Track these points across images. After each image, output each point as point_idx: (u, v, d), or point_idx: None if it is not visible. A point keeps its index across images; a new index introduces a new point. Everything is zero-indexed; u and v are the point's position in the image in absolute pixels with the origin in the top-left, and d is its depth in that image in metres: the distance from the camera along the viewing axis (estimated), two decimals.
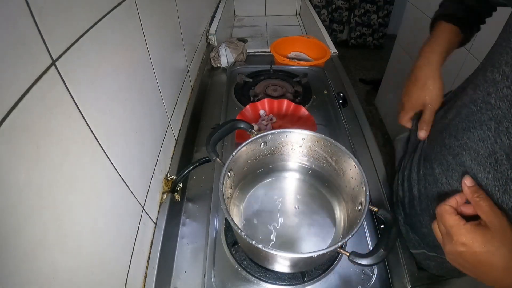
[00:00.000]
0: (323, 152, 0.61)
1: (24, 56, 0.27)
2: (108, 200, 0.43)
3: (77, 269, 0.35)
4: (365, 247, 0.61)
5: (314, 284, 0.55)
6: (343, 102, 0.99)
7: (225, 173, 0.50)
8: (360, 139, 0.88)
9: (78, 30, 0.36)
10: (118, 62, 0.47)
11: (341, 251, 0.44)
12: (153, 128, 0.62)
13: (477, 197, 0.36)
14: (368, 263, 0.43)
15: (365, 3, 3.03)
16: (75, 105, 0.35)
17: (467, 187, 0.38)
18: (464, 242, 0.35)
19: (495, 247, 0.33)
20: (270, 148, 0.63)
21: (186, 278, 0.59)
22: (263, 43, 1.56)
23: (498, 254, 0.32)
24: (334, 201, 0.64)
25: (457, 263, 0.38)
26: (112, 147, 0.43)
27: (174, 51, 0.80)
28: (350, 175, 0.56)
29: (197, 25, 1.11)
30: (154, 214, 0.62)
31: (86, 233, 0.37)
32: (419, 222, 0.54)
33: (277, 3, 1.89)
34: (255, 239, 0.43)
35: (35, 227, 0.28)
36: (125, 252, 0.48)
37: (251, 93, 0.98)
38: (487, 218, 0.34)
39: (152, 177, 0.61)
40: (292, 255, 0.47)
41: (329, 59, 1.19)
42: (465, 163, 0.41)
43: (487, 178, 0.37)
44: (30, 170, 0.28)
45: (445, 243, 0.38)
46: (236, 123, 0.61)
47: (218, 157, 0.55)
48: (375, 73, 2.89)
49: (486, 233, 0.34)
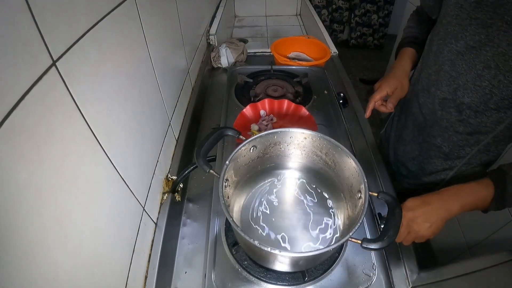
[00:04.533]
0: (313, 148, 0.62)
1: (25, 57, 0.27)
2: (109, 200, 0.43)
3: (77, 269, 0.35)
4: (365, 235, 0.61)
5: (314, 284, 0.55)
6: (343, 102, 0.99)
7: (222, 184, 0.50)
8: (360, 139, 0.88)
9: (78, 30, 0.36)
10: (118, 63, 0.47)
11: (353, 240, 0.44)
12: (153, 128, 0.63)
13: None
14: (380, 247, 0.44)
15: (366, 3, 3.03)
16: (76, 105, 0.35)
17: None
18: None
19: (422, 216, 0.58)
20: (261, 150, 0.63)
21: (187, 278, 0.59)
22: (264, 43, 1.56)
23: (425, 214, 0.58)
24: (332, 198, 0.64)
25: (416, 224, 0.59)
26: (112, 147, 0.43)
27: (175, 52, 0.80)
28: (344, 166, 0.57)
29: (197, 26, 1.11)
30: (155, 214, 0.62)
31: (86, 233, 0.37)
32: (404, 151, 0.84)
33: (278, 3, 1.89)
34: (255, 239, 0.43)
35: (35, 227, 0.28)
36: (125, 252, 0.48)
37: (252, 93, 0.98)
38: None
39: (153, 177, 0.61)
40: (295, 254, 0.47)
41: (330, 59, 1.19)
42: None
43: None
44: (31, 170, 0.28)
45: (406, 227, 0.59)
46: (223, 131, 0.61)
47: (211, 169, 0.55)
48: (375, 73, 2.89)
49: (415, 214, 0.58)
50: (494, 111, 0.59)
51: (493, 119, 0.61)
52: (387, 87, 0.74)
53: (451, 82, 0.64)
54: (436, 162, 0.76)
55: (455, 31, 0.60)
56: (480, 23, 0.55)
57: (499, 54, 0.54)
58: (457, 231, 1.23)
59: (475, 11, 0.56)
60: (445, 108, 0.67)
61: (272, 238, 0.58)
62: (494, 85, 0.57)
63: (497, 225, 1.05)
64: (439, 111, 0.68)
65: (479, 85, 0.59)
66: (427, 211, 0.57)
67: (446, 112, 0.67)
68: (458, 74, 0.62)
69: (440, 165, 0.76)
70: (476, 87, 0.59)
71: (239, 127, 0.83)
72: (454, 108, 0.65)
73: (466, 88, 0.61)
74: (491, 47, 0.55)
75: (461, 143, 0.68)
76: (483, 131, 0.64)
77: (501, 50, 0.53)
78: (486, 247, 1.09)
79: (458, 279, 0.58)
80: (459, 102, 0.63)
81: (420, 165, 0.81)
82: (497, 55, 0.54)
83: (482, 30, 0.55)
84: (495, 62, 0.55)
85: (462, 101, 0.62)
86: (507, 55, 0.53)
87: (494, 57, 0.55)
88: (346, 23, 3.25)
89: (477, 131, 0.65)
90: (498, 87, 0.56)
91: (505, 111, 0.58)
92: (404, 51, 0.81)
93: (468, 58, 0.59)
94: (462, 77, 0.61)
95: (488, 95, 0.58)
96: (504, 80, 0.55)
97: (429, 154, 0.76)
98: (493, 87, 0.57)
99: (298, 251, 0.56)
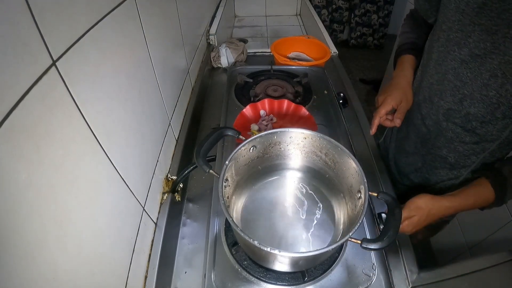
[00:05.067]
0: (313, 148, 0.62)
1: (25, 57, 0.27)
2: (109, 200, 0.43)
3: (77, 269, 0.35)
4: (364, 236, 0.61)
5: (314, 284, 0.55)
6: (343, 102, 0.99)
7: (221, 184, 0.50)
8: (360, 139, 0.88)
9: (78, 30, 0.36)
10: (118, 62, 0.47)
11: (353, 240, 0.44)
12: (153, 128, 0.63)
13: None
14: (380, 247, 0.44)
15: (366, 3, 3.03)
16: (76, 105, 0.35)
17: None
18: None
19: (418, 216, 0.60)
20: (261, 150, 0.63)
21: (187, 278, 0.59)
22: (264, 43, 1.56)
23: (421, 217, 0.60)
24: (332, 198, 0.64)
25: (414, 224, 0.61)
26: (112, 147, 0.43)
27: (175, 51, 0.80)
28: (343, 166, 0.57)
29: (197, 25, 1.11)
30: (155, 214, 0.62)
31: (86, 233, 0.37)
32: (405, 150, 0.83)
33: (277, 3, 1.89)
34: (255, 239, 0.43)
35: (35, 227, 0.28)
36: (125, 252, 0.48)
37: (252, 93, 0.98)
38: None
39: (153, 177, 0.61)
40: (295, 254, 0.47)
41: (330, 59, 1.19)
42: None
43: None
44: (31, 170, 0.28)
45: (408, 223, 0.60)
46: (223, 131, 0.61)
47: (211, 169, 0.55)
48: (375, 73, 2.89)
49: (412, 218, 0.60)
50: (500, 120, 0.58)
51: (499, 127, 0.60)
52: (392, 101, 0.69)
53: (455, 92, 0.61)
54: (441, 173, 0.74)
55: (458, 38, 0.58)
56: (484, 29, 0.53)
57: (506, 62, 0.52)
58: (457, 231, 1.23)
59: (478, 16, 0.53)
60: (450, 119, 0.65)
61: (272, 238, 0.58)
62: (501, 95, 0.55)
63: (497, 225, 1.05)
64: (443, 122, 0.66)
65: (486, 95, 0.57)
66: (435, 213, 0.59)
67: (452, 123, 0.65)
68: (463, 83, 0.59)
69: (446, 175, 0.74)
70: (483, 96, 0.57)
71: (239, 127, 0.83)
72: (459, 119, 0.63)
73: (473, 98, 0.59)
74: (497, 55, 0.53)
75: (467, 152, 0.67)
76: (489, 139, 0.62)
77: (508, 58, 0.51)
78: (486, 247, 1.09)
79: (458, 279, 0.58)
80: (465, 113, 0.62)
81: (424, 176, 0.79)
82: (504, 63, 0.52)
83: (487, 37, 0.53)
84: (502, 70, 0.53)
85: (469, 112, 0.61)
86: None
87: (500, 66, 0.53)
88: (346, 23, 3.26)
89: (483, 140, 0.63)
90: (506, 97, 0.55)
91: (510, 118, 0.57)
92: (403, 58, 0.77)
93: (473, 66, 0.57)
94: (467, 86, 0.59)
95: (495, 105, 0.57)
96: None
97: (433, 165, 0.75)
98: (501, 97, 0.55)
99: (297, 251, 0.56)
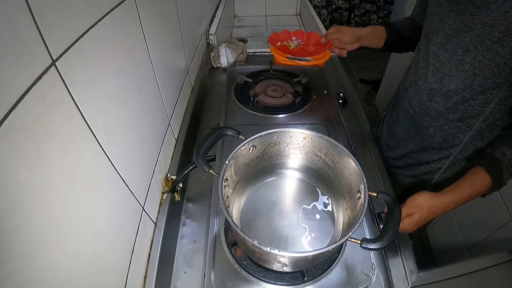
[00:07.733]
0: (313, 148, 0.62)
1: (24, 56, 0.27)
2: (108, 200, 0.43)
3: (77, 269, 0.35)
4: (364, 236, 0.61)
5: (314, 284, 0.55)
6: (343, 102, 0.99)
7: (221, 184, 0.50)
8: (360, 139, 0.88)
9: (78, 30, 0.36)
10: (118, 62, 0.47)
11: (353, 240, 0.44)
12: (153, 128, 0.62)
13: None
14: (380, 247, 0.44)
15: (365, 3, 3.02)
16: (75, 105, 0.35)
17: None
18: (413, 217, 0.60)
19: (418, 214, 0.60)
20: (261, 150, 0.63)
21: (186, 278, 0.59)
22: (263, 43, 1.56)
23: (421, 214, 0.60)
24: (332, 198, 0.64)
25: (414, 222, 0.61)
26: (112, 147, 0.43)
27: (174, 51, 0.80)
28: (343, 166, 0.57)
29: (197, 25, 1.11)
30: (154, 214, 0.62)
31: (86, 233, 0.37)
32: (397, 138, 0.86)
33: (277, 3, 1.89)
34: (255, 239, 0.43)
35: (35, 227, 0.28)
36: (125, 252, 0.48)
37: (251, 93, 0.98)
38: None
39: (152, 177, 0.61)
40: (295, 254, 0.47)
41: (329, 59, 1.19)
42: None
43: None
44: (30, 170, 0.28)
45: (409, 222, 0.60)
46: (223, 131, 0.61)
47: (211, 168, 0.55)
48: (375, 73, 2.89)
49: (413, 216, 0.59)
50: (480, 94, 0.62)
51: (480, 102, 0.63)
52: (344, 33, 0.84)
53: (436, 72, 0.68)
54: (432, 153, 0.78)
55: (437, 26, 0.66)
56: (457, 14, 0.61)
57: (476, 36, 0.58)
58: (456, 231, 1.23)
59: (451, 4, 0.62)
60: (433, 98, 0.70)
61: (272, 237, 0.58)
62: (475, 66, 0.60)
63: (496, 225, 1.05)
64: (427, 102, 0.72)
65: (462, 69, 0.62)
66: (437, 210, 0.60)
67: (434, 101, 0.70)
68: (442, 63, 0.66)
69: (436, 155, 0.77)
70: (459, 72, 0.63)
71: (275, 41, 1.07)
72: (441, 96, 0.68)
73: (451, 75, 0.65)
74: (468, 32, 0.59)
75: (453, 130, 0.70)
76: (472, 115, 0.66)
77: (477, 32, 0.58)
78: (486, 247, 1.09)
79: (458, 279, 0.58)
80: (445, 90, 0.67)
81: (415, 157, 0.82)
82: (474, 37, 0.58)
83: (458, 18, 0.60)
84: (473, 44, 0.59)
85: (448, 88, 0.66)
86: (482, 35, 0.57)
87: (472, 40, 0.59)
88: (346, 23, 3.25)
89: (466, 116, 0.67)
90: (480, 67, 0.60)
91: (491, 92, 0.61)
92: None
93: (450, 47, 0.64)
94: (445, 66, 0.65)
95: (471, 77, 0.62)
96: (484, 60, 0.58)
97: (423, 145, 0.78)
98: (475, 68, 0.60)
99: (297, 251, 0.56)
